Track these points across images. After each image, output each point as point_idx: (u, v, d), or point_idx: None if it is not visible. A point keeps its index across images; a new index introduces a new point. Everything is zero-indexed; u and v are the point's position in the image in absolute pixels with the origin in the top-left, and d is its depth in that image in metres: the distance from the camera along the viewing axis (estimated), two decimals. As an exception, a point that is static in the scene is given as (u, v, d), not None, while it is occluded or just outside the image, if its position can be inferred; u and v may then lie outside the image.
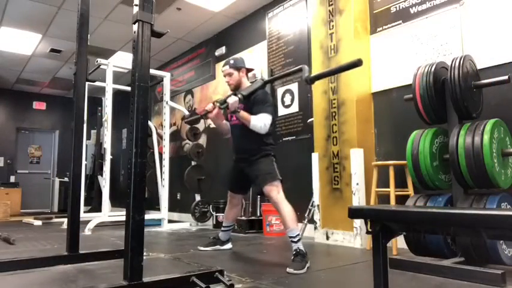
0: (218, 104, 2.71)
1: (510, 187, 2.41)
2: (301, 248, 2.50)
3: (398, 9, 3.43)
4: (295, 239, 2.53)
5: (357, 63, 2.10)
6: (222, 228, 3.21)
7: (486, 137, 2.22)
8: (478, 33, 2.89)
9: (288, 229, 2.58)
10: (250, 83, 2.88)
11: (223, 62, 3.02)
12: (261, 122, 2.66)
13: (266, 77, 4.37)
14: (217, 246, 3.18)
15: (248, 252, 3.21)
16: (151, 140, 5.72)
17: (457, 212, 1.30)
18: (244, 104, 2.70)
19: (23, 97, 9.08)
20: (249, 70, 3.03)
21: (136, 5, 1.83)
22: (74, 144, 2.59)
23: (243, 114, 2.65)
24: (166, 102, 5.40)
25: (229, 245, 3.23)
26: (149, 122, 5.45)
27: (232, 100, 2.60)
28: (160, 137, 5.84)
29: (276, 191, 2.66)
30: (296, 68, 2.52)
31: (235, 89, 2.86)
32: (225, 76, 2.92)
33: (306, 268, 2.37)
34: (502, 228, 1.16)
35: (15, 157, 9.04)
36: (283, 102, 4.58)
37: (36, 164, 9.48)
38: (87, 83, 2.80)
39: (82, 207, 4.93)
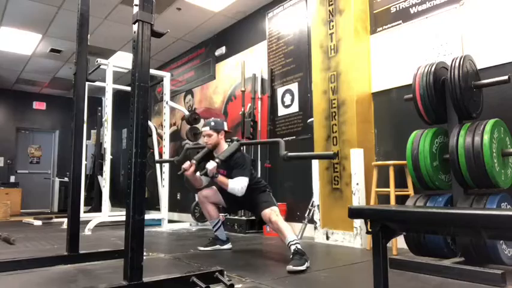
0: (195, 162, 2.97)
1: (510, 187, 2.41)
2: (299, 247, 2.53)
3: (398, 9, 3.43)
4: (293, 242, 2.57)
5: (332, 156, 2.50)
6: (214, 228, 3.23)
7: (486, 137, 2.22)
8: (478, 33, 2.89)
9: (286, 238, 2.63)
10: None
11: (204, 122, 3.29)
12: (238, 185, 2.85)
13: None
14: (217, 246, 3.19)
15: (248, 252, 3.22)
16: (151, 140, 5.71)
17: (457, 212, 1.30)
18: (223, 169, 2.93)
19: (23, 97, 9.07)
20: (227, 132, 3.21)
21: (136, 5, 1.83)
22: (74, 144, 2.59)
23: (221, 178, 2.88)
24: (166, 102, 5.40)
25: (229, 245, 3.23)
26: (149, 122, 5.46)
27: (211, 166, 2.81)
28: (160, 137, 5.85)
29: (274, 214, 2.79)
30: (273, 139, 3.08)
31: (213, 148, 3.09)
32: (204, 136, 3.12)
33: (305, 265, 2.38)
34: (502, 228, 1.16)
35: (15, 157, 9.03)
36: (283, 102, 4.58)
37: (36, 164, 9.48)
38: (87, 83, 2.81)
39: (82, 207, 4.93)
